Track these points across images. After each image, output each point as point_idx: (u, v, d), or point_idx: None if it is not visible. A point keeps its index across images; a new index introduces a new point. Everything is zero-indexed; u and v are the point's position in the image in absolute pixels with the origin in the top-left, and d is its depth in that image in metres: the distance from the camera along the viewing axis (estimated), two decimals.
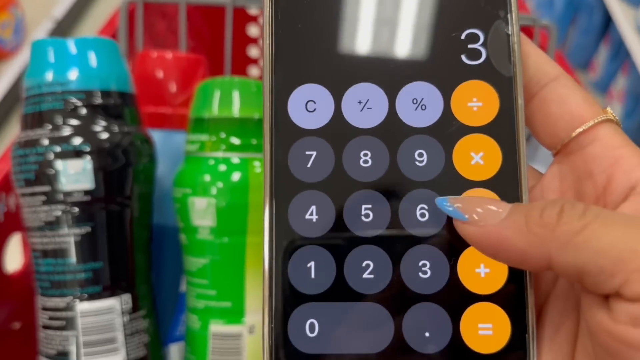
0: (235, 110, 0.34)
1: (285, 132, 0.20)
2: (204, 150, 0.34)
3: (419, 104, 0.21)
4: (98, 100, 0.32)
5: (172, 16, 0.60)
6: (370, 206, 0.20)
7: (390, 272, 0.20)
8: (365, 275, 0.20)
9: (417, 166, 0.20)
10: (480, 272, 0.20)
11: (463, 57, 0.21)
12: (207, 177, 0.33)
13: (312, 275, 0.20)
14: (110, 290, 0.32)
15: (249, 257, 0.34)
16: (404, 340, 0.20)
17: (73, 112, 0.32)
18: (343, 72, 0.21)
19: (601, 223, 0.16)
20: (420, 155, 0.20)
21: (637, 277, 0.16)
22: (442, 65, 0.21)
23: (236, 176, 0.33)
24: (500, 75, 0.21)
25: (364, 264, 0.20)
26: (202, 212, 0.34)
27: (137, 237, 0.34)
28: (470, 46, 0.21)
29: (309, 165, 0.20)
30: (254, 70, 0.70)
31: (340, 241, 0.20)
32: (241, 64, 0.68)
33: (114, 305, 0.32)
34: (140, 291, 0.34)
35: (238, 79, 0.34)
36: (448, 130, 0.21)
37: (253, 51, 0.76)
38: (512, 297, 0.20)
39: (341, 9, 0.21)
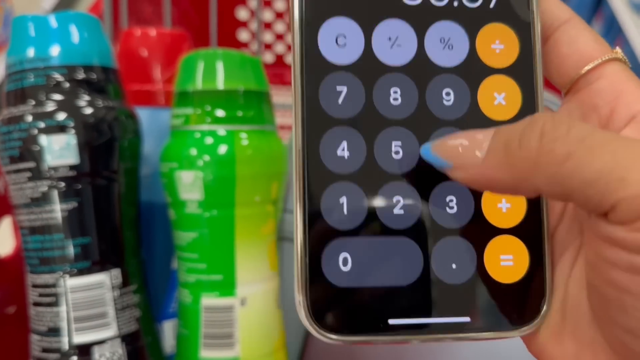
0: (220, 82, 0.34)
1: (316, 67, 0.20)
2: (189, 124, 0.34)
3: (447, 43, 0.21)
4: (81, 75, 0.32)
5: (158, 1, 0.60)
6: (400, 143, 0.20)
7: (419, 207, 0.20)
8: (396, 211, 0.20)
9: (444, 105, 0.21)
10: (502, 207, 0.21)
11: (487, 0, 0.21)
12: (193, 151, 0.33)
13: (345, 211, 0.20)
14: (100, 265, 0.32)
15: (238, 230, 0.34)
16: (432, 272, 0.20)
17: (56, 88, 0.31)
18: (373, 7, 0.21)
19: (586, 149, 0.16)
20: (448, 94, 0.21)
21: (624, 205, 0.16)
22: (467, 6, 0.21)
23: (223, 149, 0.33)
24: (520, 20, 0.21)
25: (394, 200, 0.20)
26: (189, 186, 0.33)
27: (125, 213, 0.34)
28: None
29: (340, 101, 0.20)
30: None
31: (371, 178, 0.20)
32: (231, 47, 0.68)
33: (104, 280, 0.32)
34: (130, 266, 0.34)
35: (222, 51, 0.34)
36: (473, 70, 0.21)
37: (243, 35, 0.75)
38: (531, 229, 0.21)
39: None
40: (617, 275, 0.16)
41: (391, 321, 0.20)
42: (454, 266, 0.20)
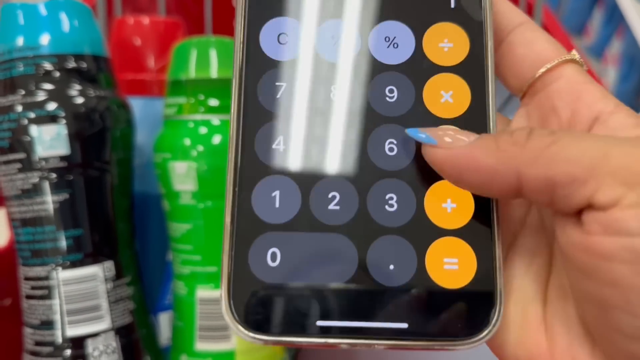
0: (213, 71, 0.33)
1: (256, 62, 0.20)
2: (183, 113, 0.33)
3: (391, 42, 0.21)
4: (71, 64, 0.31)
5: None
6: (339, 139, 0.20)
7: (357, 204, 0.20)
8: (331, 207, 0.19)
9: (387, 101, 0.20)
10: (447, 207, 0.20)
11: None
12: (187, 141, 0.33)
13: (277, 205, 0.19)
14: (92, 257, 0.32)
15: None
16: (367, 272, 0.19)
17: (46, 77, 0.31)
18: (315, 8, 0.21)
19: (571, 137, 0.16)
20: (391, 91, 0.20)
21: (609, 181, 0.15)
22: (414, 6, 0.21)
23: (217, 139, 0.33)
24: (471, 19, 0.21)
25: (329, 195, 0.20)
26: (183, 177, 0.33)
27: (118, 204, 0.33)
28: None
29: (277, 96, 0.20)
30: None
31: (306, 172, 0.20)
32: (229, 35, 0.67)
33: (97, 273, 0.32)
34: (124, 258, 0.33)
35: (215, 39, 0.33)
36: (419, 68, 0.21)
37: None
38: (479, 232, 0.19)
39: None
40: (619, 270, 0.15)
41: (320, 322, 0.19)
42: (391, 267, 0.19)
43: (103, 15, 0.45)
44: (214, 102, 0.33)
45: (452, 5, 0.21)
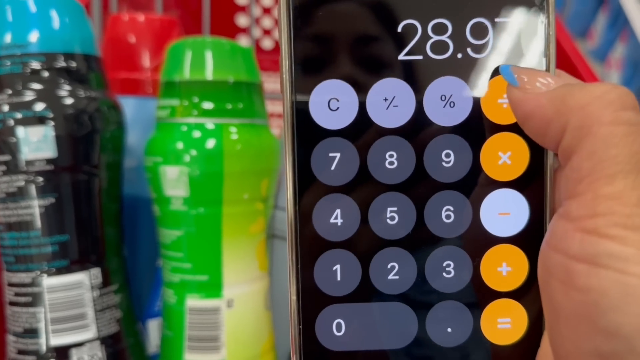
0: (208, 73, 0.32)
1: (307, 133, 0.20)
2: (176, 116, 0.32)
3: (448, 100, 0.20)
4: (61, 63, 0.30)
5: None
6: (395, 208, 0.20)
7: (415, 273, 0.20)
8: (390, 277, 0.20)
9: (443, 167, 0.20)
10: (502, 271, 0.20)
11: (494, 50, 0.19)
12: (179, 145, 0.32)
13: (338, 278, 0.20)
14: (79, 264, 0.30)
15: (225, 229, 0.32)
16: (427, 336, 0.20)
17: (34, 76, 0.30)
18: (366, 67, 0.20)
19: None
20: (447, 155, 0.20)
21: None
22: (473, 57, 0.20)
23: (210, 143, 0.32)
24: None
25: (389, 266, 0.20)
26: (174, 182, 0.32)
27: (106, 209, 0.32)
28: (503, 39, 0.20)
29: (332, 168, 0.20)
30: (242, 40, 0.68)
31: (365, 244, 0.20)
32: (229, 33, 0.66)
33: (83, 280, 0.30)
34: (111, 265, 0.32)
35: (210, 39, 0.32)
36: (477, 128, 0.20)
37: (242, 20, 0.73)
38: (531, 291, 0.20)
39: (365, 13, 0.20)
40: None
41: None
42: (449, 330, 0.20)
43: (98, 11, 0.44)
44: (208, 105, 0.32)
45: (515, 54, 0.20)
